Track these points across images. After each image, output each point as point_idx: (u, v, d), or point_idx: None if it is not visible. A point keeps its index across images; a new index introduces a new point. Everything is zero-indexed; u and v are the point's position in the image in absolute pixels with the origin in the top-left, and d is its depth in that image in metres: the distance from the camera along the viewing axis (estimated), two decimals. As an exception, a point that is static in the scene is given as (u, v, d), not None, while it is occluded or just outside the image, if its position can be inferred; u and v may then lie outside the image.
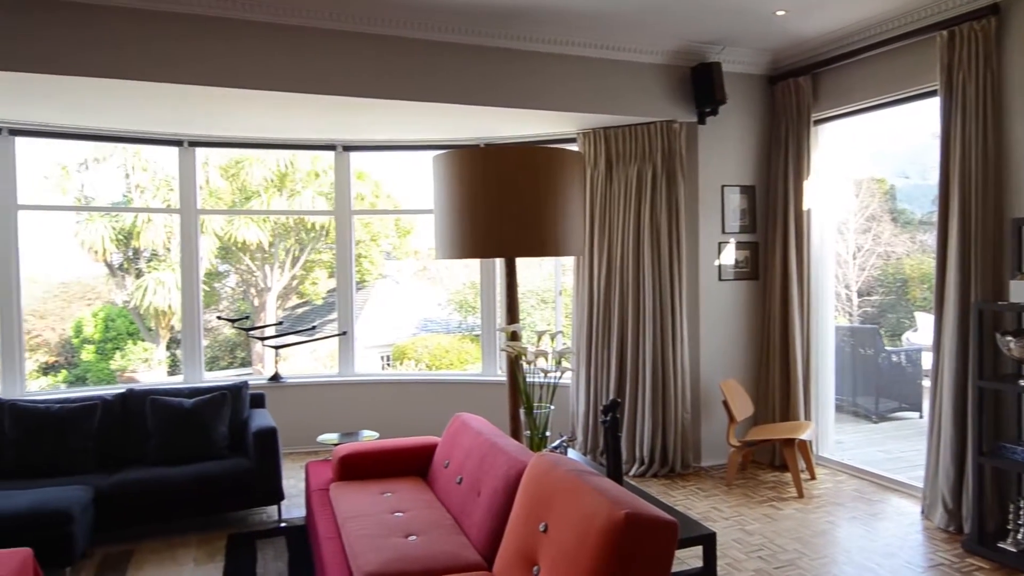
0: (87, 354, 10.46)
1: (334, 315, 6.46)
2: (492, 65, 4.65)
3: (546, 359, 3.25)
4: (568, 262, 5.57)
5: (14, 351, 5.14)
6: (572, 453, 3.61)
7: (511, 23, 4.48)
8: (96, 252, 10.48)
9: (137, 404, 4.32)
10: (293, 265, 11.31)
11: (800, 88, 4.97)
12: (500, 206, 3.14)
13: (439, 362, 10.34)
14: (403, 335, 11.36)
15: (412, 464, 3.63)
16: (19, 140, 5.11)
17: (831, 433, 5.28)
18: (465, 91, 4.60)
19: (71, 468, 3.99)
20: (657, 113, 5.04)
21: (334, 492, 3.40)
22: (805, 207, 5.02)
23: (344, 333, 5.96)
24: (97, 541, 3.79)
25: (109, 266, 10.90)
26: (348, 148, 5.90)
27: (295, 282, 11.54)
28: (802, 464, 4.80)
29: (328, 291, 11.28)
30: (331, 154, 5.94)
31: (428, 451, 3.65)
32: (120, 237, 10.61)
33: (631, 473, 5.04)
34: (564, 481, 2.22)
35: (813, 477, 4.84)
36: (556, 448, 3.28)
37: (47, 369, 10.32)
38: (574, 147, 5.37)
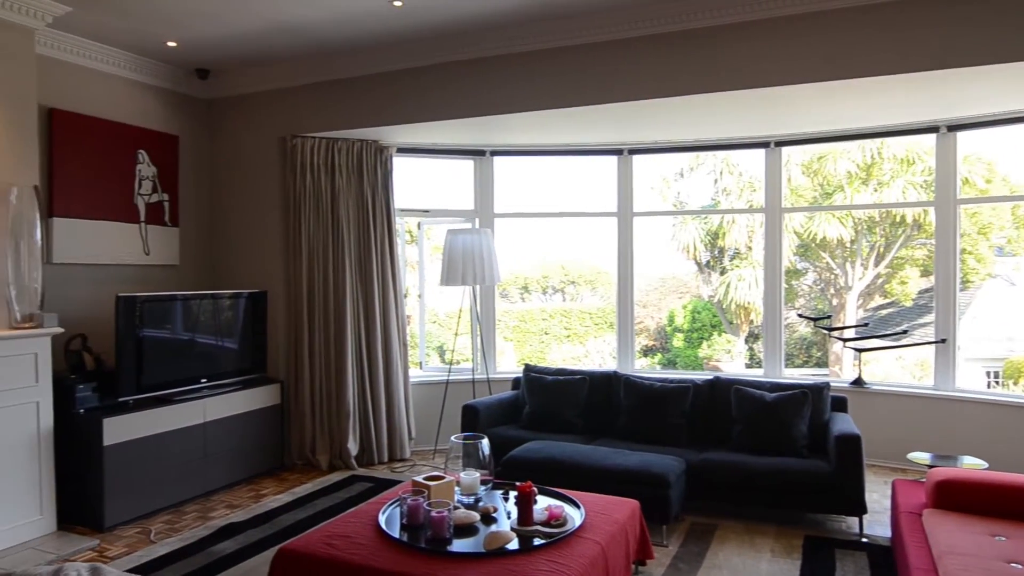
0: (677, 341, 11.83)
1: (926, 319, 5.72)
2: None
3: None
4: None
5: (628, 333, 6.17)
6: None
7: None
8: (688, 251, 11.77)
9: (723, 391, 4.65)
10: (878, 263, 10.48)
11: None
12: None
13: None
14: (1020, 348, 9.28)
15: (1037, 509, 2.93)
16: (635, 158, 6.09)
17: None
18: None
19: (667, 439, 4.54)
20: None
21: (928, 520, 3.01)
22: None
23: (943, 341, 5.20)
24: (686, 509, 4.24)
25: (698, 264, 12.09)
26: (953, 128, 5.10)
27: (879, 280, 10.67)
28: None
29: (920, 291, 10.06)
30: (931, 137, 5.25)
31: (1064, 498, 2.88)
32: (708, 238, 11.65)
33: None
34: None
35: None
36: None
37: (646, 351, 12.08)
38: None
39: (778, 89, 4.25)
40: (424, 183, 6.38)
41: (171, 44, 4.91)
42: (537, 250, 12.21)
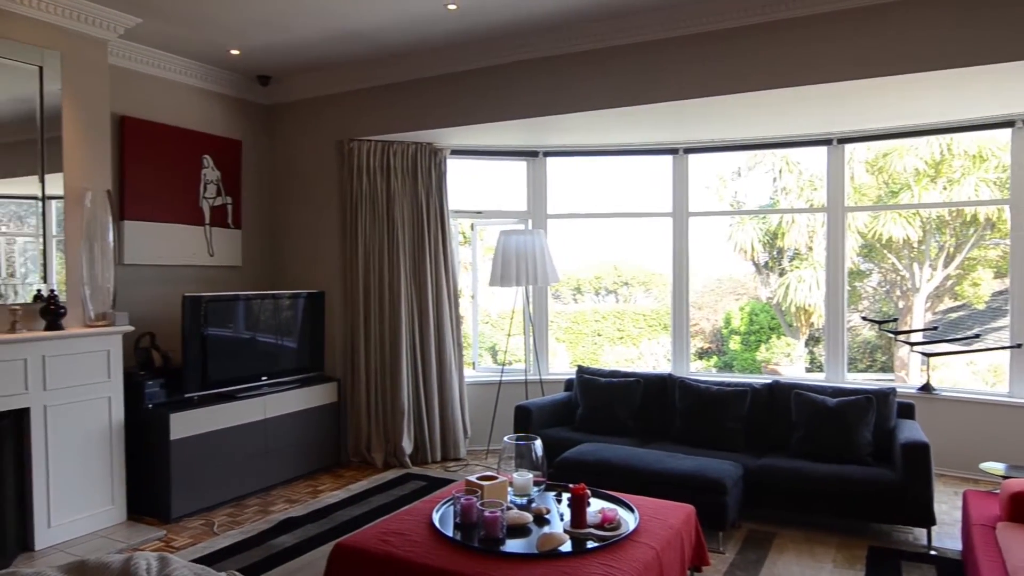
0: (734, 343, 11.57)
1: (1001, 322, 5.44)
2: None
3: None
4: None
5: (683, 335, 6.08)
6: None
7: None
8: (745, 252, 11.49)
9: (783, 395, 4.53)
10: (947, 263, 10.04)
11: None
12: None
13: None
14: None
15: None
16: (691, 157, 5.99)
17: None
18: None
19: (723, 444, 4.45)
20: None
21: (1002, 533, 2.86)
22: None
23: (1019, 346, 4.95)
24: (743, 516, 4.14)
25: (756, 265, 11.81)
26: (1030, 121, 4.86)
27: (949, 282, 10.22)
28: None
29: (994, 294, 9.59)
30: (1006, 132, 5.00)
31: None
32: (766, 238, 11.36)
33: None
34: None
35: None
36: None
37: (701, 354, 11.85)
38: None
39: (842, 84, 4.12)
40: (477, 184, 6.41)
41: (234, 52, 5.07)
42: (590, 251, 12.12)
